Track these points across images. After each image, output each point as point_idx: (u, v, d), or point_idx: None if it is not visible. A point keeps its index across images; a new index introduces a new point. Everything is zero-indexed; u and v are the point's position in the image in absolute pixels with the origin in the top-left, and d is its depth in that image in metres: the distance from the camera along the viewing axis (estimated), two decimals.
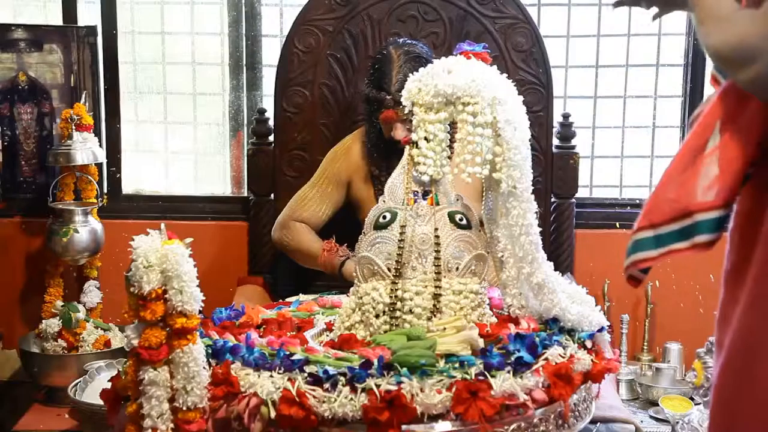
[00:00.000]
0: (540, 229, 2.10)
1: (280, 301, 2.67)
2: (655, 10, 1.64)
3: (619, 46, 3.57)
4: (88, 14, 3.59)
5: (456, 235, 2.14)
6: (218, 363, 1.91)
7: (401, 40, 2.99)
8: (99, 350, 3.19)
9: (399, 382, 1.79)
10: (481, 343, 1.94)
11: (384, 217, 2.16)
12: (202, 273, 1.84)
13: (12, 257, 3.56)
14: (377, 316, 2.10)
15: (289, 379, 1.83)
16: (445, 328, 1.98)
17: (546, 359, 1.91)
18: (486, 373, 1.84)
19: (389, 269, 2.11)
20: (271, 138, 3.36)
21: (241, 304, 2.40)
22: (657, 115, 3.61)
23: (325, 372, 1.81)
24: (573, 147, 3.33)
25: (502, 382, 1.83)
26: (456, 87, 2.07)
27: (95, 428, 2.64)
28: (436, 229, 2.12)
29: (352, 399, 1.78)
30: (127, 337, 1.81)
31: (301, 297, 2.64)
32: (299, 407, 1.78)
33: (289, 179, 3.32)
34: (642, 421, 2.93)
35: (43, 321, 3.26)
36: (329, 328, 2.26)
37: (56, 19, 3.57)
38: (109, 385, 1.99)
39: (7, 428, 3.03)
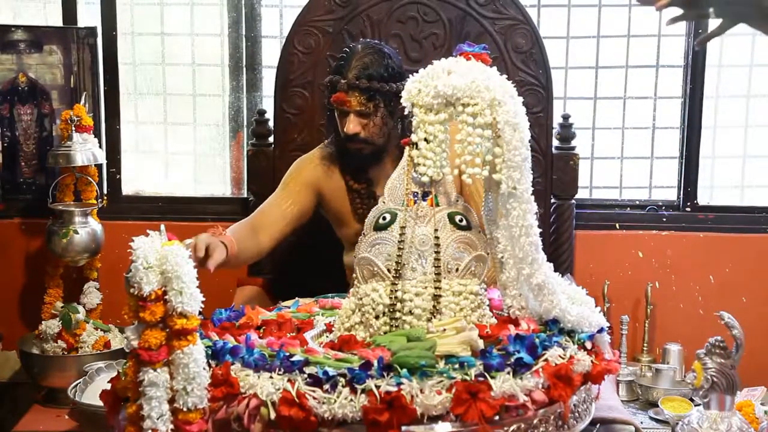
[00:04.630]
0: (540, 230, 2.10)
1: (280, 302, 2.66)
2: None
3: (618, 47, 3.57)
4: (88, 15, 3.59)
5: (456, 236, 2.14)
6: (218, 364, 1.91)
7: (371, 41, 2.98)
8: (99, 351, 3.19)
9: (399, 383, 1.79)
10: (480, 344, 1.94)
11: (384, 218, 2.16)
12: (201, 274, 1.84)
13: (12, 258, 3.56)
14: (377, 317, 2.10)
15: (289, 380, 1.83)
16: (444, 329, 1.98)
17: (546, 360, 1.91)
18: (486, 374, 1.84)
19: (389, 270, 2.11)
20: (271, 139, 3.36)
21: (240, 305, 2.40)
22: (657, 116, 3.61)
23: (325, 373, 1.81)
24: (573, 148, 3.33)
25: (502, 383, 1.83)
26: (456, 88, 2.07)
27: (95, 429, 2.64)
28: (436, 230, 2.12)
29: (351, 400, 1.78)
30: (127, 338, 1.81)
31: (299, 301, 2.63)
32: (299, 408, 1.78)
33: None
34: (642, 422, 2.93)
35: (43, 322, 3.26)
36: (329, 329, 2.26)
37: (56, 20, 3.57)
38: (108, 386, 1.99)
39: (7, 429, 3.03)
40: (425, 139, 2.11)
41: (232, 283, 3.37)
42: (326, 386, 1.80)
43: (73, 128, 3.28)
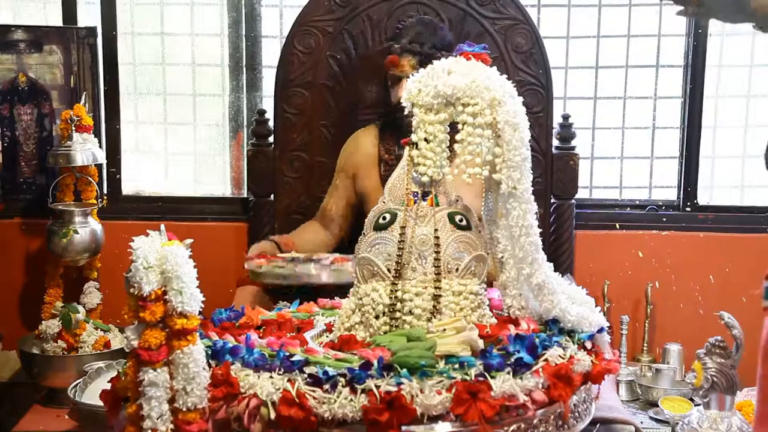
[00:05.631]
0: (540, 230, 2.10)
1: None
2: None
3: (618, 46, 3.57)
4: (88, 15, 3.59)
5: (456, 236, 2.14)
6: (218, 364, 1.91)
7: (425, 16, 3.14)
8: (99, 351, 3.19)
9: (399, 383, 1.79)
10: (480, 344, 1.94)
11: (384, 218, 2.16)
12: (201, 274, 1.84)
13: (12, 258, 3.56)
14: (377, 317, 2.10)
15: (289, 380, 1.83)
16: (444, 329, 1.98)
17: (546, 360, 1.91)
18: (486, 374, 1.84)
19: (389, 270, 2.11)
20: (271, 139, 3.36)
21: (240, 305, 2.40)
22: (657, 116, 3.61)
23: (325, 373, 1.81)
24: (573, 148, 3.33)
25: (502, 383, 1.83)
26: (456, 88, 2.07)
27: (95, 429, 2.64)
28: (436, 230, 2.12)
29: (351, 400, 1.78)
30: (127, 338, 1.81)
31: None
32: (299, 408, 1.78)
33: (289, 180, 3.32)
34: (642, 422, 2.93)
35: (43, 322, 3.26)
36: (329, 329, 2.26)
37: (56, 20, 3.57)
38: (108, 386, 1.99)
39: (7, 429, 3.03)
40: (425, 139, 2.11)
41: (232, 283, 3.37)
42: (326, 386, 1.80)
43: (73, 128, 3.28)
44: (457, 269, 2.12)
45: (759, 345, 1.49)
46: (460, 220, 2.16)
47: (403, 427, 1.78)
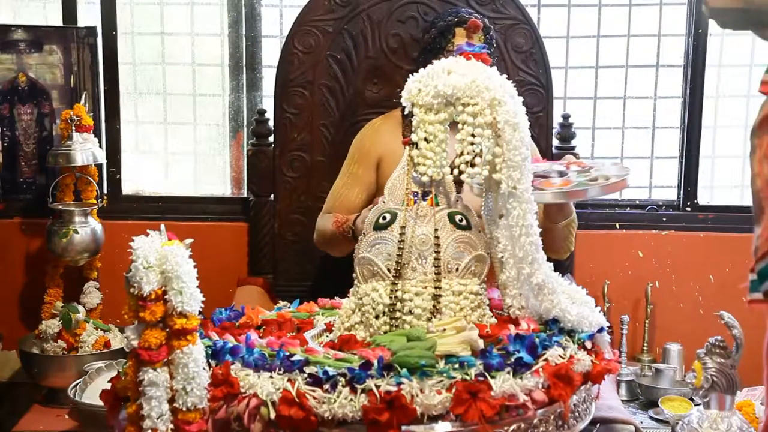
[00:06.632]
0: (540, 229, 2.10)
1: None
2: None
3: (618, 46, 3.57)
4: (88, 15, 3.59)
5: (456, 236, 2.14)
6: (218, 364, 1.91)
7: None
8: (99, 351, 3.19)
9: (399, 383, 1.79)
10: (480, 343, 1.94)
11: (384, 218, 2.16)
12: (202, 274, 1.84)
13: (12, 258, 3.56)
14: (377, 317, 2.10)
15: (289, 380, 1.82)
16: (444, 329, 1.97)
17: (546, 360, 1.91)
18: (486, 373, 1.84)
19: (389, 270, 2.11)
20: (271, 139, 3.36)
21: (240, 305, 2.40)
22: (657, 116, 3.61)
23: (325, 373, 1.81)
24: (573, 148, 3.33)
25: (502, 383, 1.83)
26: (456, 88, 2.07)
27: (95, 429, 2.64)
28: (436, 230, 2.12)
29: (351, 400, 1.78)
30: (127, 338, 1.81)
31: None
32: (299, 408, 1.78)
33: (289, 180, 3.32)
34: (642, 422, 2.93)
35: (43, 322, 3.26)
36: (329, 328, 2.26)
37: (56, 19, 3.57)
38: (108, 386, 1.99)
39: (7, 429, 3.03)
40: (425, 139, 2.11)
41: (233, 283, 3.37)
42: (326, 386, 1.80)
43: (73, 128, 3.28)
44: (457, 269, 2.12)
45: (763, 345, 1.48)
46: (460, 220, 2.16)
47: (403, 427, 1.78)
